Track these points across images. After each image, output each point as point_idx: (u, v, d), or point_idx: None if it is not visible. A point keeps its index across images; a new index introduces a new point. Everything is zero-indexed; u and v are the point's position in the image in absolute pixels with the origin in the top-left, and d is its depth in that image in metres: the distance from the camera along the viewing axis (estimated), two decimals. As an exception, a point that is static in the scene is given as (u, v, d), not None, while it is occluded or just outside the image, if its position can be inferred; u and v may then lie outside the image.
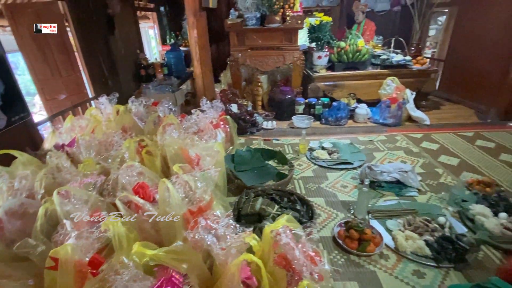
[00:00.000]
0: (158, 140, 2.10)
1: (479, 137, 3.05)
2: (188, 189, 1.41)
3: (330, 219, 1.94)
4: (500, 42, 3.55)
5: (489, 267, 1.55)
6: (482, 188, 2.14)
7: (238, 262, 0.95)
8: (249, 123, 3.39)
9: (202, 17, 3.16)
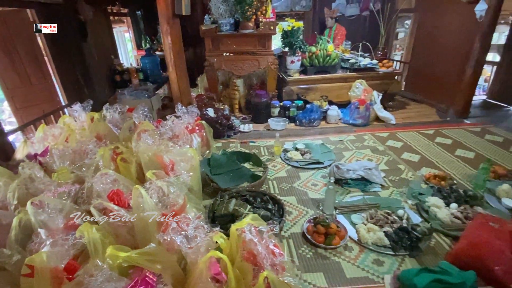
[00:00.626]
0: (133, 147, 2.14)
1: (439, 135, 3.31)
2: (162, 194, 1.48)
3: (301, 216, 2.07)
4: (455, 47, 3.86)
5: (440, 252, 1.73)
6: (437, 181, 2.35)
7: (205, 259, 1.04)
8: (226, 126, 3.48)
9: (176, 24, 3.21)
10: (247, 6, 3.51)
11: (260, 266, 1.13)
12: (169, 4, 3.02)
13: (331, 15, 4.86)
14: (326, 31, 5.22)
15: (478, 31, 3.44)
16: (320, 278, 1.58)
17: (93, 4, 3.79)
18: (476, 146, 2.99)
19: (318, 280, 1.57)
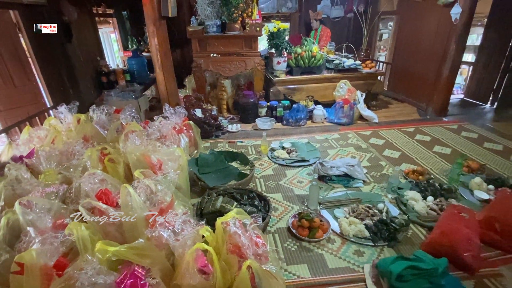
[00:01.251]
0: (120, 147, 2.16)
1: (419, 132, 3.46)
2: (149, 192, 1.52)
3: (287, 212, 2.15)
4: (433, 48, 4.04)
5: (416, 242, 1.84)
6: (416, 176, 2.48)
7: (192, 251, 1.09)
8: (213, 126, 3.53)
9: (162, 25, 3.24)
10: (233, 8, 3.57)
11: (244, 257, 1.20)
12: (155, 5, 3.05)
13: (316, 17, 4.97)
14: (312, 32, 5.33)
15: (454, 33, 3.61)
16: (304, 269, 1.66)
17: (78, 5, 3.77)
18: (452, 143, 3.15)
19: (302, 271, 1.64)
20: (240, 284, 1.08)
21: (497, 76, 4.22)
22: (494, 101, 4.32)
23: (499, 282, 1.55)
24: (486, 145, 3.06)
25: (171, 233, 1.17)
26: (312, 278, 1.60)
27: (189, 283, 1.11)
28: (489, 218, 1.78)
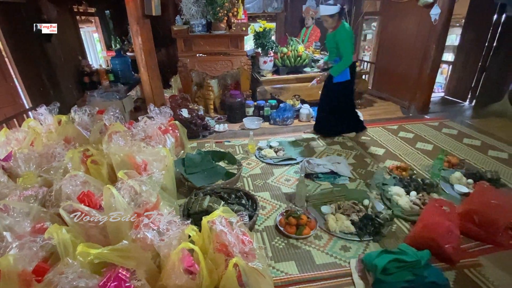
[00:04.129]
0: (104, 148, 2.11)
1: (402, 129, 3.55)
2: (134, 193, 1.49)
3: (274, 210, 2.16)
4: (414, 47, 4.15)
5: (400, 236, 1.88)
6: (399, 172, 2.54)
7: (177, 251, 1.08)
8: (200, 126, 3.50)
9: (146, 24, 3.19)
10: (218, 8, 3.55)
11: (231, 255, 1.19)
12: (138, 4, 2.99)
13: (312, 15, 4.99)
14: (303, 30, 5.36)
15: (434, 33, 3.73)
16: (292, 266, 1.67)
17: (57, 3, 3.65)
18: (434, 139, 3.25)
19: (290, 268, 1.65)
20: (227, 283, 1.08)
21: (475, 75, 4.39)
22: (473, 99, 4.49)
23: (478, 271, 1.61)
24: (465, 141, 3.18)
25: (156, 233, 1.15)
26: (299, 274, 1.61)
27: (175, 284, 1.10)
28: (468, 211, 1.84)
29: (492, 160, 2.78)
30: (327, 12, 2.79)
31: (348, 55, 2.86)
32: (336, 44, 2.91)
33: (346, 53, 2.86)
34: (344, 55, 2.87)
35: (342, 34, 2.83)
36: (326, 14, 2.81)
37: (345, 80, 3.03)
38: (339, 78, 3.00)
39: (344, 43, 2.84)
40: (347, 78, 3.02)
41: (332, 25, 2.89)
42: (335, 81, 3.02)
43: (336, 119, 3.27)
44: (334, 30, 2.90)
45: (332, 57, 3.10)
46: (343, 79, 3.01)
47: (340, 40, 2.85)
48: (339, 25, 2.86)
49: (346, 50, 2.85)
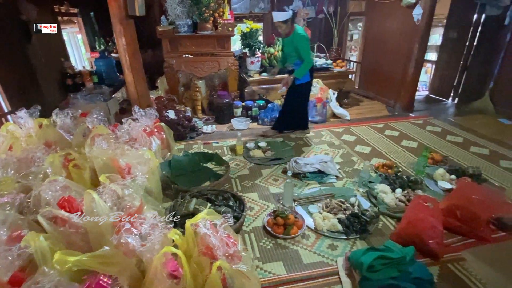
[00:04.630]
0: (86, 152, 2.05)
1: (388, 128, 3.61)
2: (116, 197, 1.45)
3: (262, 210, 2.15)
4: (398, 47, 4.23)
5: (386, 233, 1.91)
6: (385, 170, 2.58)
7: (159, 255, 1.06)
8: (187, 128, 3.46)
9: (130, 24, 3.12)
10: (204, 8, 3.52)
11: (216, 258, 1.18)
12: (121, 4, 2.93)
13: (304, 16, 5.01)
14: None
15: (417, 33, 3.81)
16: (280, 266, 1.66)
17: (37, 3, 3.54)
18: (418, 137, 3.32)
19: (277, 269, 1.65)
20: (211, 286, 1.06)
21: (457, 74, 4.50)
22: (455, 97, 4.61)
23: (461, 265, 1.65)
24: (448, 138, 3.26)
25: (138, 238, 1.13)
26: (287, 275, 1.61)
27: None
28: (451, 206, 1.88)
29: (474, 156, 2.86)
30: (281, 18, 2.86)
31: (309, 56, 2.98)
32: (295, 48, 3.01)
33: (307, 55, 2.97)
34: (305, 57, 2.97)
35: (299, 37, 2.93)
36: (280, 20, 2.87)
37: (307, 82, 3.17)
38: (301, 80, 3.11)
39: (303, 46, 2.94)
40: (308, 80, 3.16)
41: (286, 31, 2.97)
42: (297, 83, 3.13)
43: (295, 117, 3.44)
44: (290, 35, 2.99)
45: (292, 60, 3.18)
46: (305, 81, 3.14)
47: (298, 43, 2.94)
48: (293, 30, 2.96)
49: (307, 52, 2.96)
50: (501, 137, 3.24)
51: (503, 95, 3.94)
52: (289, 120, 3.46)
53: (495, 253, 1.73)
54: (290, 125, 3.51)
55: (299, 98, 3.29)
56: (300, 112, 3.43)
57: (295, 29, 2.95)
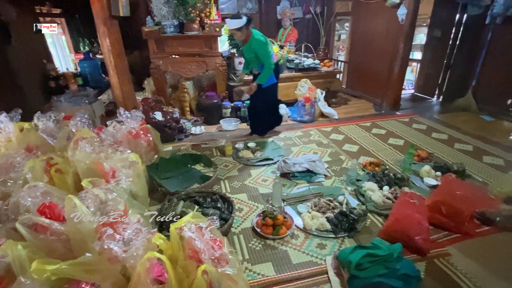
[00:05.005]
0: (69, 156, 2.00)
1: (375, 126, 3.65)
2: (99, 202, 1.41)
3: (251, 211, 2.14)
4: (384, 47, 4.30)
5: (374, 231, 1.92)
6: (372, 168, 2.60)
7: (143, 261, 1.03)
8: (175, 129, 3.41)
9: (114, 25, 3.06)
10: (190, 8, 3.49)
11: (203, 262, 1.16)
12: (105, 4, 2.87)
13: (290, 16, 5.01)
14: (281, 30, 5.38)
15: (402, 32, 3.88)
16: (269, 267, 1.65)
17: (17, 4, 3.43)
18: (405, 134, 3.37)
19: (266, 270, 1.64)
20: (198, 290, 1.04)
21: (441, 72, 4.60)
22: (440, 95, 4.71)
23: (447, 260, 1.67)
24: (433, 135, 3.32)
25: (121, 244, 1.10)
26: (276, 275, 1.60)
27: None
28: (436, 202, 1.92)
29: (458, 152, 2.92)
30: (234, 26, 2.79)
31: (269, 60, 2.93)
32: (255, 54, 2.96)
33: (267, 60, 2.92)
34: (265, 62, 2.94)
35: (257, 42, 2.87)
36: (233, 28, 2.81)
37: (273, 83, 3.16)
38: (267, 83, 3.10)
39: (262, 50, 2.89)
40: (273, 81, 3.15)
41: (242, 37, 2.92)
42: (264, 86, 3.10)
43: (269, 118, 3.43)
44: (247, 41, 2.94)
45: (255, 65, 3.15)
46: (271, 83, 3.13)
47: (257, 48, 2.89)
48: (250, 35, 2.90)
49: (267, 57, 2.91)
50: (483, 134, 3.33)
51: (485, 93, 4.05)
52: (266, 122, 3.43)
53: (480, 247, 1.77)
54: (268, 126, 3.49)
55: (268, 99, 3.26)
56: (272, 112, 3.43)
57: (252, 35, 2.89)
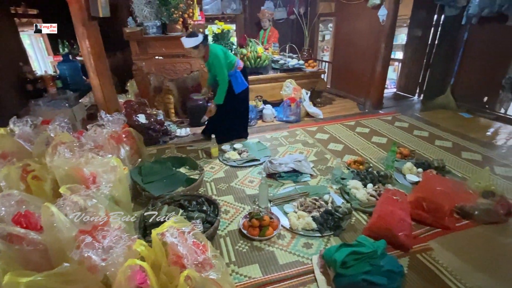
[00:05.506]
0: (47, 162, 1.92)
1: (359, 125, 3.72)
2: (79, 209, 1.37)
3: (238, 213, 2.12)
4: (366, 47, 4.38)
5: (359, 228, 1.95)
6: (357, 166, 2.64)
7: (124, 269, 1.00)
8: (160, 132, 3.36)
9: (93, 26, 2.98)
10: (172, 9, 3.44)
11: (186, 267, 1.14)
12: (83, 5, 2.79)
13: (269, 17, 5.01)
14: (261, 32, 5.39)
15: (383, 33, 3.96)
16: (256, 269, 1.65)
17: (-11, 4, 3.29)
18: (388, 132, 3.45)
19: (253, 272, 1.63)
20: (181, 297, 1.02)
21: (421, 71, 4.74)
22: (421, 93, 4.85)
23: (429, 255, 1.72)
24: (415, 133, 3.41)
25: (101, 252, 1.06)
26: (263, 277, 1.60)
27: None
28: (418, 198, 1.96)
29: (438, 149, 3.01)
30: (190, 44, 2.74)
31: (222, 76, 2.89)
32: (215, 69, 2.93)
33: (220, 74, 2.88)
34: (219, 79, 2.91)
35: (214, 58, 2.84)
36: (190, 46, 2.76)
37: (245, 88, 3.15)
38: (240, 88, 3.09)
39: (217, 68, 2.86)
40: (245, 86, 3.14)
41: (200, 55, 2.89)
42: (237, 92, 3.10)
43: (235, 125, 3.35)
44: (207, 59, 2.90)
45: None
46: (243, 88, 3.13)
47: (214, 63, 2.86)
48: (208, 52, 2.86)
49: (219, 71, 2.87)
50: (462, 130, 3.44)
51: (463, 91, 4.19)
52: (231, 129, 3.32)
53: (459, 241, 1.82)
54: (232, 135, 3.35)
55: (238, 106, 3.22)
56: (240, 121, 3.36)
57: (210, 50, 2.85)
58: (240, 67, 3.10)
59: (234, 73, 3.05)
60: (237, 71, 3.07)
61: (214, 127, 3.16)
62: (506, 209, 1.95)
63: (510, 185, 2.35)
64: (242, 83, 3.10)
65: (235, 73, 3.06)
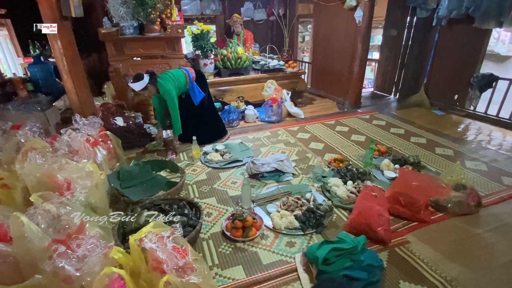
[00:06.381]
0: (17, 169, 1.83)
1: (338, 124, 3.80)
2: (51, 218, 1.31)
3: (221, 215, 2.11)
4: (344, 47, 4.49)
5: (340, 225, 1.99)
6: (337, 164, 2.70)
7: (100, 278, 0.97)
8: (139, 135, 3.27)
9: (66, 26, 2.86)
10: (149, 9, 3.37)
11: (166, 273, 1.11)
12: (54, 4, 2.67)
13: (240, 22, 4.97)
14: (235, 37, 5.37)
15: (359, 34, 4.07)
16: (239, 271, 1.64)
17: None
18: (366, 131, 3.55)
19: (237, 273, 1.62)
20: (162, 303, 1.00)
21: (396, 71, 4.91)
22: (396, 92, 5.03)
23: (407, 248, 1.78)
24: (392, 130, 3.53)
25: (75, 262, 1.02)
26: (247, 278, 1.59)
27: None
28: (395, 194, 2.03)
29: (413, 145, 3.13)
30: (139, 88, 2.71)
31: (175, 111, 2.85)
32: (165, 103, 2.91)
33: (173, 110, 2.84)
34: (171, 111, 2.86)
35: (165, 94, 2.79)
36: (140, 90, 2.72)
37: (202, 98, 3.15)
38: (197, 99, 3.10)
39: (168, 101, 2.82)
40: (203, 95, 3.14)
41: (151, 94, 2.85)
42: (197, 104, 3.11)
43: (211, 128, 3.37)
44: (158, 93, 2.86)
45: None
46: (201, 97, 3.13)
47: (166, 98, 2.83)
48: (157, 88, 2.81)
49: (171, 106, 2.83)
50: (435, 127, 3.60)
51: (435, 89, 4.39)
52: (209, 132, 3.33)
53: (434, 233, 1.90)
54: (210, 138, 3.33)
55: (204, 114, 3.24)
56: (215, 127, 3.39)
57: (162, 85, 2.78)
58: (193, 76, 3.05)
59: (191, 86, 3.03)
60: (193, 83, 3.04)
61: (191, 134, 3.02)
62: (476, 201, 2.06)
63: (479, 178, 2.49)
64: (199, 93, 3.08)
65: (192, 85, 3.03)
